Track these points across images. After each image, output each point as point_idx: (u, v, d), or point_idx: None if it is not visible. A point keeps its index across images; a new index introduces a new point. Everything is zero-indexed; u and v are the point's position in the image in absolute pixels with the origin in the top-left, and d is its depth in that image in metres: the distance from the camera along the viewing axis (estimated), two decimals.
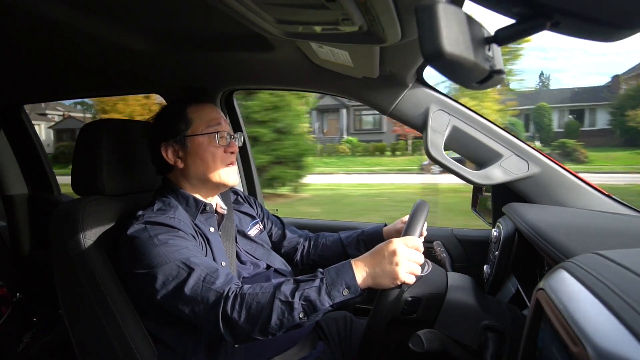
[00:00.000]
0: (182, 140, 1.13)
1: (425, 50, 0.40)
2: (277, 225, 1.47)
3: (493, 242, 1.27)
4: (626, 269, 0.53)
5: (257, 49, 1.22)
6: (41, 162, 2.16)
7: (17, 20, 1.07)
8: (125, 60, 1.39)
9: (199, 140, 1.13)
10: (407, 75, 1.21)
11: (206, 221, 1.16)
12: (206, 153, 1.13)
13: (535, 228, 0.93)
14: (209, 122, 1.14)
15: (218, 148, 1.14)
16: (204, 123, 1.14)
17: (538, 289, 0.59)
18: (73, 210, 1.11)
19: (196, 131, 1.14)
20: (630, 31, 0.40)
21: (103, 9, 1.02)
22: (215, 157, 1.14)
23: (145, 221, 1.03)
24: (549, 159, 1.20)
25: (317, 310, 0.88)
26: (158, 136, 1.15)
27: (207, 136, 1.13)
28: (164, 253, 0.97)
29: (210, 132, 1.14)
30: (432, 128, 1.21)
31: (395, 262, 0.89)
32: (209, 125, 1.14)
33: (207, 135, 1.13)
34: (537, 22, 0.42)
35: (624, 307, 0.44)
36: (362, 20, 0.73)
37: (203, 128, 1.14)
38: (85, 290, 1.08)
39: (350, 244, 1.38)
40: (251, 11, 0.77)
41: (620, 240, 0.88)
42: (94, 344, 1.13)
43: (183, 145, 1.14)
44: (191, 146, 1.13)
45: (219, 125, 1.15)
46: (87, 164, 1.18)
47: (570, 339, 0.46)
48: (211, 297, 0.92)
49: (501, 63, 0.49)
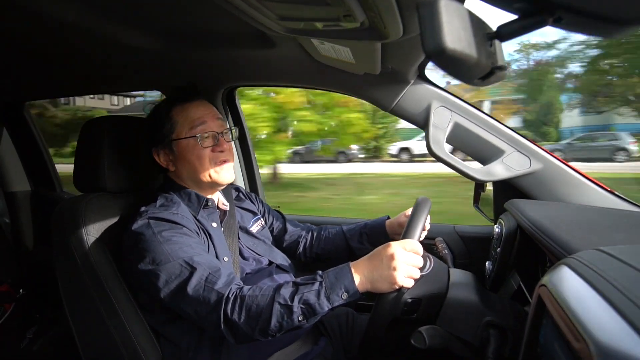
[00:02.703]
0: (169, 145, 1.13)
1: (427, 46, 0.40)
2: (278, 220, 1.47)
3: (495, 238, 1.27)
4: (628, 265, 0.53)
5: (259, 45, 1.21)
6: (44, 159, 2.17)
7: (19, 19, 1.07)
8: (127, 58, 1.39)
9: (184, 143, 1.11)
10: (408, 72, 1.21)
11: (208, 216, 1.16)
12: (192, 156, 1.11)
13: (537, 224, 0.93)
14: (192, 123, 1.12)
15: (204, 149, 1.11)
16: (187, 125, 1.12)
17: (540, 285, 0.59)
18: (75, 207, 1.11)
19: (180, 134, 1.12)
20: (631, 26, 0.40)
21: (104, 7, 1.02)
22: (202, 159, 1.11)
23: (149, 217, 1.03)
24: (551, 155, 1.20)
25: (316, 314, 0.88)
26: (149, 141, 1.16)
27: (192, 139, 1.11)
28: (168, 251, 0.97)
29: (193, 134, 1.11)
30: (434, 125, 1.21)
31: (393, 266, 0.88)
32: (192, 126, 1.11)
33: (192, 138, 1.11)
34: (539, 18, 0.42)
35: (626, 303, 0.44)
36: (363, 17, 0.73)
37: (186, 130, 1.11)
38: (88, 286, 1.09)
39: (353, 237, 1.38)
40: (252, 8, 0.77)
41: (622, 236, 0.88)
42: (97, 340, 1.14)
43: (171, 150, 1.13)
44: (177, 150, 1.12)
45: (203, 125, 1.12)
46: (90, 161, 1.18)
47: (572, 335, 0.46)
48: (213, 298, 0.92)
49: (503, 59, 0.49)
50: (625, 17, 0.39)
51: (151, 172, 1.27)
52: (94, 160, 1.17)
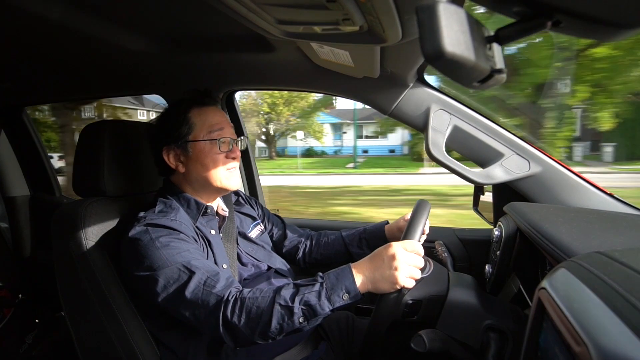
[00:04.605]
0: (184, 145, 1.13)
1: (426, 50, 0.40)
2: (277, 226, 1.47)
3: (494, 241, 1.27)
4: (628, 267, 0.53)
5: (258, 49, 1.22)
6: (43, 164, 2.17)
7: (18, 22, 1.07)
8: (127, 62, 1.39)
9: (201, 146, 1.12)
10: (407, 75, 1.21)
11: (207, 223, 1.16)
12: (207, 159, 1.12)
13: (537, 227, 0.93)
14: (211, 127, 1.13)
15: (220, 154, 1.13)
16: (206, 128, 1.13)
17: (540, 289, 0.59)
18: (75, 212, 1.11)
19: (198, 136, 1.12)
20: (631, 30, 0.40)
21: (104, 11, 1.02)
22: (216, 163, 1.13)
23: (147, 223, 1.03)
24: (550, 158, 1.20)
25: (317, 315, 0.88)
26: (160, 139, 1.15)
27: (209, 142, 1.12)
28: (165, 256, 0.97)
29: (212, 138, 1.12)
30: (433, 128, 1.21)
31: (395, 266, 0.88)
32: (211, 130, 1.13)
33: (209, 142, 1.12)
34: (538, 21, 0.42)
35: (626, 306, 0.44)
36: (362, 20, 0.73)
37: (205, 134, 1.13)
38: (87, 291, 1.09)
39: (352, 242, 1.38)
40: (252, 12, 0.77)
41: (622, 239, 0.88)
42: (96, 345, 1.13)
43: (185, 150, 1.13)
44: (193, 151, 1.13)
45: (221, 131, 1.14)
46: (89, 165, 1.18)
47: (572, 338, 0.46)
48: (212, 301, 0.92)
49: (502, 62, 0.49)
50: (625, 21, 0.39)
51: (151, 177, 1.27)
52: (94, 164, 1.17)
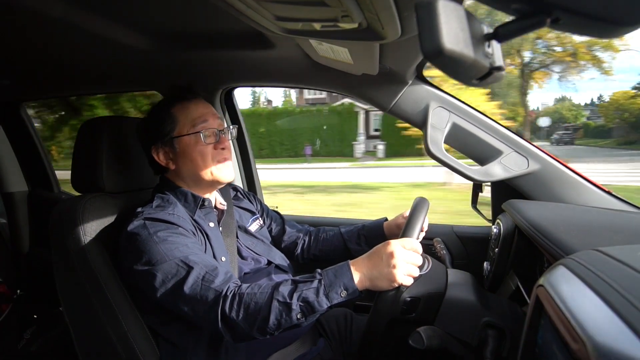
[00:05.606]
0: (170, 142, 1.13)
1: (425, 47, 0.40)
2: (276, 221, 1.47)
3: (493, 239, 1.27)
4: (626, 265, 0.54)
5: (257, 46, 1.21)
6: (41, 160, 2.16)
7: (16, 18, 1.07)
8: (125, 58, 1.38)
9: (186, 140, 1.12)
10: (406, 72, 1.21)
11: (205, 217, 1.16)
12: (194, 153, 1.12)
13: (535, 225, 0.93)
14: (194, 121, 1.13)
15: (206, 146, 1.12)
16: (189, 122, 1.13)
17: (538, 286, 0.59)
18: (73, 208, 1.11)
19: (182, 131, 1.12)
20: (631, 27, 0.40)
21: (102, 7, 1.02)
22: (204, 156, 1.12)
23: (145, 217, 1.03)
24: (548, 156, 1.20)
25: (315, 312, 0.88)
26: (148, 139, 1.15)
27: (194, 135, 1.12)
28: (164, 251, 0.97)
29: (195, 131, 1.12)
30: (432, 125, 1.21)
31: (393, 264, 0.88)
32: (194, 124, 1.12)
33: (194, 135, 1.12)
34: (537, 18, 0.42)
35: (623, 303, 0.44)
36: (361, 17, 0.73)
37: (188, 128, 1.12)
38: (85, 287, 1.09)
39: (351, 239, 1.38)
40: (250, 8, 0.76)
41: (620, 236, 0.88)
42: (95, 341, 1.13)
43: (172, 147, 1.13)
44: (179, 147, 1.12)
45: (205, 123, 1.13)
46: (87, 162, 1.18)
47: (570, 335, 0.46)
48: (210, 296, 0.92)
49: (501, 60, 0.48)
50: (625, 18, 0.39)
51: (149, 173, 1.27)
52: (92, 160, 1.17)
